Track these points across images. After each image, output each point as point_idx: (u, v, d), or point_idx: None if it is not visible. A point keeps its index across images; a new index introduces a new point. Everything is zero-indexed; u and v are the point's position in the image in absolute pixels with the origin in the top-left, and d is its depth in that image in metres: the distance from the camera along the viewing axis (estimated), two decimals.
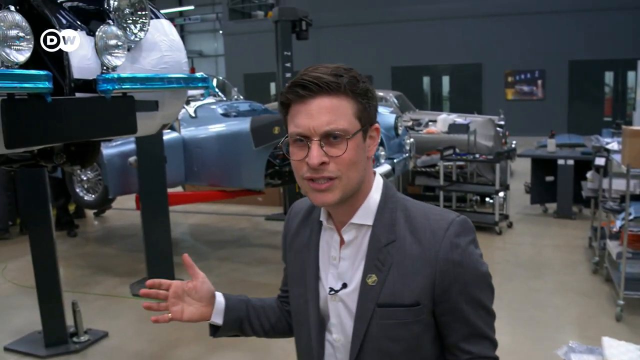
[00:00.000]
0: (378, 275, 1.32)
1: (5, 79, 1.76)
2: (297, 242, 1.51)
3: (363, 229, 1.37)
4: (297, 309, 1.50)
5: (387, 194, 1.38)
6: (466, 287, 1.32)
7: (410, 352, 1.34)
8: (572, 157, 7.74)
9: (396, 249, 1.32)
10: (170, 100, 2.70)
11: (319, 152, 1.25)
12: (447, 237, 1.31)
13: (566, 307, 5.02)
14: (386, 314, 1.32)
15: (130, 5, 2.46)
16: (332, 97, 1.27)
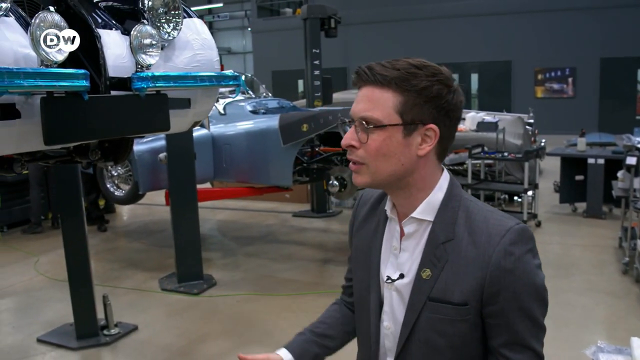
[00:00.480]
0: (432, 270, 1.34)
1: (45, 78, 1.81)
2: (365, 229, 1.55)
3: (424, 223, 1.38)
4: (360, 293, 1.53)
5: (451, 193, 1.39)
6: (515, 295, 1.30)
7: (455, 348, 1.36)
8: (603, 156, 7.65)
9: (453, 247, 1.33)
10: (202, 98, 2.75)
11: (351, 134, 1.33)
12: (502, 244, 1.29)
13: (595, 307, 4.98)
14: (435, 309, 1.34)
15: (164, 4, 2.50)
16: (377, 88, 1.31)
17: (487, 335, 1.37)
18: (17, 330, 4.86)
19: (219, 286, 5.70)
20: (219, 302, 5.30)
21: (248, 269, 6.22)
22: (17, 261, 6.81)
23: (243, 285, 5.72)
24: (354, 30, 20.82)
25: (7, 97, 1.83)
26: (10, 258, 6.93)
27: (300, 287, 5.60)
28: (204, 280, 5.72)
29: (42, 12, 1.87)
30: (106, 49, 2.25)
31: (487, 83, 20.90)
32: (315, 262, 6.42)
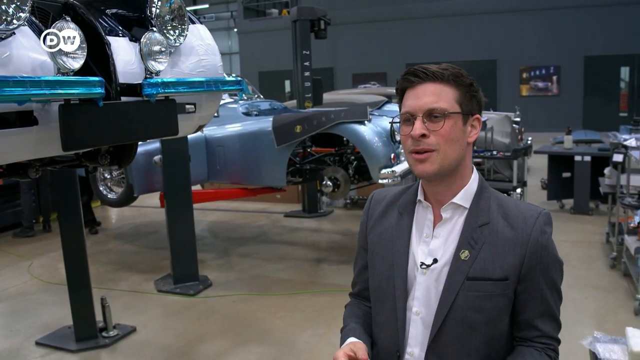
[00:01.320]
0: (471, 251, 1.51)
1: (64, 86, 1.87)
2: (382, 225, 1.68)
3: (459, 210, 1.57)
4: (379, 285, 1.65)
5: (482, 184, 1.60)
6: (547, 268, 1.53)
7: (491, 323, 1.52)
8: (589, 154, 7.79)
9: (489, 230, 1.52)
10: (206, 103, 2.82)
11: (421, 125, 1.49)
12: (538, 224, 1.52)
13: (584, 301, 5.09)
14: (474, 287, 1.50)
15: (171, 12, 2.57)
16: (437, 84, 1.51)
17: (518, 310, 1.55)
18: (15, 334, 4.88)
19: (214, 287, 5.75)
20: (216, 303, 5.36)
21: (242, 270, 6.28)
22: (9, 265, 6.81)
23: (238, 286, 5.77)
24: (341, 30, 20.91)
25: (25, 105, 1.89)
26: (2, 262, 6.93)
27: (294, 287, 5.66)
28: (199, 281, 5.77)
29: (59, 21, 1.93)
30: (116, 56, 2.31)
31: None
32: (309, 261, 6.49)
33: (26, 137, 2.00)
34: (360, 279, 1.81)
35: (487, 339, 1.53)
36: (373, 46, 21.88)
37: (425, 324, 1.56)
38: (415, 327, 1.57)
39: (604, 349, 2.08)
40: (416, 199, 1.64)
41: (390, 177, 5.36)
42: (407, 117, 1.52)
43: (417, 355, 1.58)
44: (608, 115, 18.66)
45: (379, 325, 1.67)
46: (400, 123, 1.56)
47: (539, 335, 1.56)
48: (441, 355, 1.53)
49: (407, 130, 1.52)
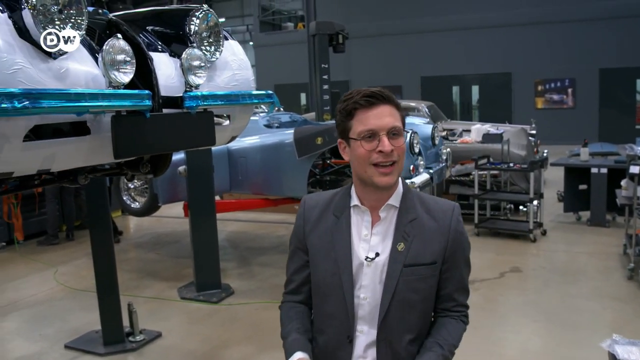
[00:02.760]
0: (405, 243, 1.81)
1: (117, 98, 2.02)
2: (320, 228, 1.91)
3: (392, 209, 1.85)
4: (324, 281, 1.89)
5: (406, 186, 1.90)
6: (464, 250, 1.90)
7: (425, 300, 1.86)
8: (606, 166, 7.84)
9: (417, 224, 1.83)
10: (239, 115, 2.96)
11: (389, 142, 1.73)
12: (454, 215, 1.87)
13: (602, 311, 5.15)
14: (411, 272, 1.81)
15: (208, 29, 2.71)
16: (390, 106, 1.77)
17: (441, 286, 1.89)
18: (44, 338, 5.02)
19: (236, 295, 5.87)
20: (238, 310, 5.47)
21: (263, 278, 6.39)
22: (36, 272, 6.97)
23: (260, 294, 5.88)
24: (355, 44, 21.05)
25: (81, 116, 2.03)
26: (29, 269, 7.10)
27: None
28: (222, 289, 5.89)
29: (111, 39, 2.08)
30: (157, 70, 2.46)
31: (488, 95, 21.11)
32: None
33: (80, 145, 2.14)
34: (296, 277, 2.02)
35: (422, 314, 1.87)
36: (388, 59, 22.01)
37: (371, 305, 1.83)
38: (364, 309, 1.84)
39: (622, 350, 2.18)
40: (350, 204, 1.88)
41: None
42: (369, 135, 1.73)
43: (367, 332, 1.86)
44: (624, 127, 18.63)
45: (327, 315, 1.91)
46: (359, 140, 1.75)
47: (455, 304, 1.92)
48: (389, 332, 1.82)
49: (372, 146, 1.73)
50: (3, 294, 6.22)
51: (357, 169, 1.79)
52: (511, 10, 20.12)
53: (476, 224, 7.84)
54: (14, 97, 1.76)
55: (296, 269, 2.01)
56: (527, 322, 4.98)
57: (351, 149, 1.79)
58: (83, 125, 2.12)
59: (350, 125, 1.77)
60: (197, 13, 2.69)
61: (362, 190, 1.83)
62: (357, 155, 1.76)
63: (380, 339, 1.83)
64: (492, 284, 5.91)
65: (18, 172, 2.06)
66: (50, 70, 1.98)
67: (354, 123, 1.76)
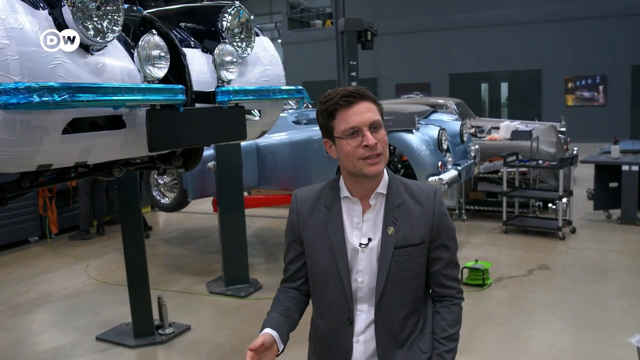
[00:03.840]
0: (394, 227, 1.93)
1: (152, 92, 2.07)
2: (313, 220, 2.01)
3: (380, 197, 1.96)
4: (322, 270, 1.99)
5: (390, 173, 2.01)
6: (448, 229, 2.01)
7: (416, 277, 1.98)
8: (637, 163, 7.74)
9: (404, 208, 1.95)
10: (270, 110, 3.00)
11: (372, 136, 1.83)
12: (437, 198, 1.98)
13: (632, 309, 5.10)
14: (401, 253, 1.93)
15: (240, 25, 2.76)
16: (367, 102, 1.87)
17: (431, 264, 2.01)
18: (76, 330, 5.13)
19: (264, 289, 5.92)
20: (266, 305, 5.44)
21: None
22: (67, 266, 7.11)
23: None
24: (383, 41, 20.99)
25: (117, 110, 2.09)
26: (61, 263, 7.24)
27: None
28: (249, 284, 5.95)
29: (146, 35, 2.13)
30: (190, 66, 2.51)
31: (517, 92, 20.93)
32: None
33: (115, 138, 2.20)
34: (292, 266, 2.12)
35: (414, 290, 1.98)
36: (416, 56, 21.95)
37: (369, 287, 1.96)
38: (362, 291, 1.97)
39: None
40: (340, 196, 1.98)
41: (438, 184, 5.46)
42: (353, 132, 1.83)
43: (367, 310, 1.98)
44: None
45: (327, 302, 2.03)
46: (344, 138, 1.85)
47: (447, 279, 2.03)
48: (385, 309, 1.95)
49: (357, 142, 1.84)
50: (36, 287, 6.36)
51: (346, 164, 1.89)
52: (541, 7, 19.92)
53: (504, 221, 7.80)
54: (54, 91, 1.83)
55: (292, 259, 2.11)
56: (555, 319, 4.95)
57: (337, 147, 1.90)
58: (119, 119, 2.18)
59: (333, 125, 1.88)
60: (229, 9, 2.74)
61: (352, 182, 1.94)
62: (345, 153, 1.86)
63: (378, 317, 1.96)
64: (520, 281, 5.88)
65: (56, 164, 2.12)
66: (88, 65, 2.04)
67: (337, 123, 1.87)
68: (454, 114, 9.68)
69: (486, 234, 7.84)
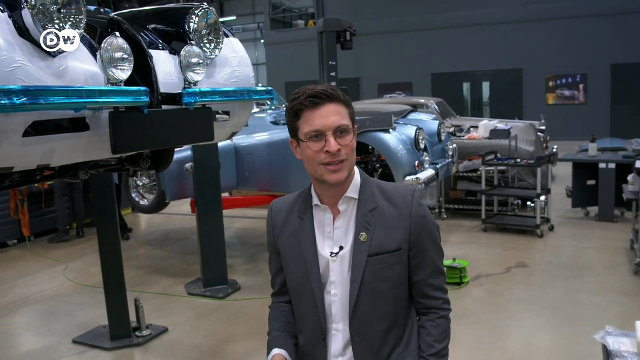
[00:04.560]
0: (367, 233, 1.81)
1: (115, 95, 2.06)
2: (287, 231, 1.92)
3: (352, 202, 1.85)
4: (297, 282, 1.91)
5: (364, 177, 1.90)
6: (430, 233, 1.87)
7: (395, 287, 1.85)
8: (614, 161, 7.82)
9: (378, 213, 1.83)
10: (239, 111, 3.01)
11: (335, 141, 1.73)
12: (415, 200, 1.85)
13: (607, 306, 5.15)
14: (376, 261, 1.81)
15: (207, 26, 2.76)
16: (336, 104, 1.76)
17: (413, 273, 1.88)
18: (53, 333, 5.09)
19: (243, 290, 5.92)
20: (244, 306, 5.52)
21: (270, 275, 6.41)
22: (46, 269, 7.06)
23: (266, 290, 5.85)
24: (366, 41, 21.08)
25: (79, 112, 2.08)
26: (39, 266, 7.19)
27: None
28: (228, 285, 5.94)
29: (109, 37, 2.12)
30: (157, 68, 2.51)
31: (499, 91, 21.07)
32: None
33: (79, 141, 2.20)
34: (277, 279, 2.06)
35: (394, 301, 1.85)
36: (399, 56, 22.03)
37: (342, 301, 1.84)
38: (336, 306, 1.85)
39: (614, 341, 2.21)
40: (312, 204, 1.88)
41: (415, 184, 5.49)
42: (316, 135, 1.73)
43: (342, 329, 1.87)
44: (636, 123, 18.48)
45: (302, 316, 1.94)
46: (306, 141, 1.75)
47: (432, 289, 1.90)
48: (361, 323, 1.83)
49: (319, 147, 1.73)
50: (14, 290, 6.31)
51: (308, 168, 1.80)
52: (522, 6, 20.08)
53: (483, 220, 7.85)
54: (12, 94, 1.82)
55: (275, 272, 2.05)
56: (532, 316, 5.00)
57: (301, 149, 1.79)
58: (82, 122, 2.17)
59: (298, 125, 1.78)
60: (197, 11, 2.73)
61: (319, 188, 1.85)
62: (307, 156, 1.76)
63: (354, 332, 1.84)
64: (498, 279, 5.92)
65: (18, 167, 2.11)
66: (50, 68, 2.03)
67: (301, 124, 1.76)
68: (433, 114, 9.72)
69: (466, 232, 7.88)
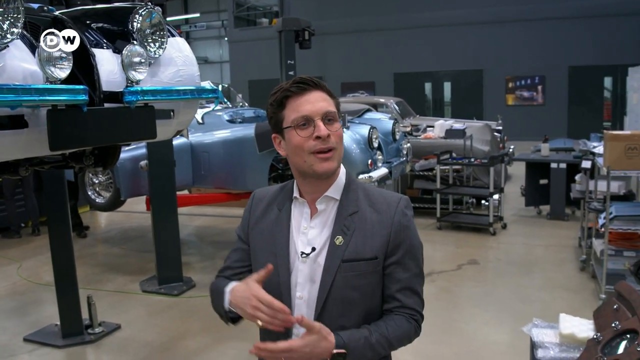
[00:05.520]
0: (344, 237, 1.70)
1: (52, 93, 2.09)
2: (264, 222, 1.82)
3: (332, 202, 1.75)
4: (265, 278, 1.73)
5: (349, 177, 1.80)
6: (410, 247, 1.73)
7: (367, 298, 1.72)
8: (564, 161, 8.03)
9: (358, 217, 1.72)
10: (184, 109, 3.05)
11: (325, 126, 1.65)
12: (399, 207, 1.74)
13: (552, 301, 5.32)
14: (349, 268, 1.69)
15: (151, 26, 2.80)
16: (322, 92, 1.69)
17: (386, 285, 1.74)
18: (4, 331, 5.06)
19: (198, 287, 5.95)
20: (198, 302, 5.55)
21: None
22: None
23: None
24: (329, 40, 21.21)
25: (17, 109, 2.11)
26: None
27: None
28: (183, 282, 5.96)
29: (47, 34, 2.15)
30: (100, 66, 2.54)
31: (460, 91, 21.39)
32: None
33: (17, 138, 2.22)
34: (235, 264, 1.90)
35: (364, 313, 1.72)
36: (362, 56, 22.18)
37: (307, 305, 1.72)
38: (300, 309, 1.72)
39: (538, 333, 2.31)
40: (292, 196, 1.79)
41: (368, 182, 5.59)
42: (303, 122, 1.65)
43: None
44: (592, 124, 18.90)
45: None
46: (294, 128, 1.67)
47: (400, 305, 1.74)
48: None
49: (308, 133, 1.65)
50: None
51: (295, 160, 1.70)
52: (483, 8, 20.38)
53: (438, 217, 7.99)
54: None
55: (237, 259, 1.90)
56: (479, 312, 5.13)
57: (286, 140, 1.70)
58: (21, 119, 2.20)
59: (283, 115, 1.69)
60: (141, 11, 2.77)
61: (302, 182, 1.75)
62: (294, 145, 1.67)
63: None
64: (449, 276, 6.06)
65: None
66: None
67: (287, 112, 1.68)
68: (390, 113, 9.85)
69: (421, 230, 7.86)
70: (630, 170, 4.93)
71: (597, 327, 2.18)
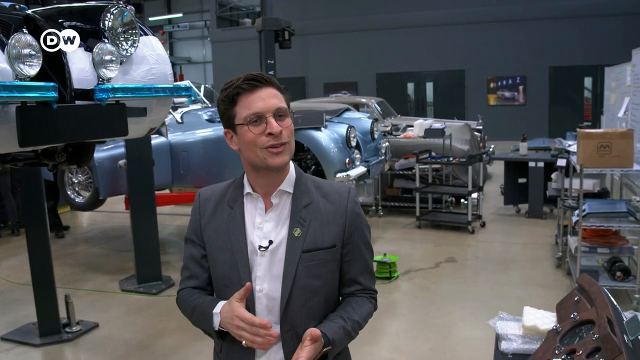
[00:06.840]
0: (301, 229, 1.76)
1: (21, 90, 2.11)
2: (216, 220, 1.83)
3: (284, 195, 1.80)
4: (224, 273, 1.80)
5: (298, 171, 1.85)
6: (362, 231, 1.85)
7: (327, 285, 1.81)
8: (542, 160, 8.13)
9: (313, 208, 1.79)
10: (157, 107, 3.07)
11: (276, 122, 1.68)
12: (350, 197, 1.84)
13: (527, 298, 5.40)
14: (310, 257, 1.75)
15: (123, 24, 2.82)
16: (273, 88, 1.73)
17: (344, 270, 1.84)
18: None
19: (176, 286, 5.90)
20: None
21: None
22: None
23: None
24: (311, 40, 21.25)
25: None
26: None
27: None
28: (162, 281, 5.98)
29: (17, 33, 2.17)
30: (71, 64, 2.56)
31: (442, 91, 21.50)
32: None
33: None
34: (192, 266, 1.89)
35: (325, 299, 1.81)
36: (344, 56, 22.22)
37: (268, 298, 1.76)
38: (260, 302, 1.76)
39: (503, 325, 2.37)
40: (243, 192, 1.82)
41: (345, 180, 5.63)
42: (255, 119, 1.68)
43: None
44: (572, 123, 18.98)
45: None
46: (246, 125, 1.69)
47: (361, 288, 1.87)
48: (292, 321, 1.75)
49: (260, 129, 1.68)
50: None
51: (248, 154, 1.71)
52: (464, 9, 20.50)
53: (417, 216, 8.06)
54: None
55: (197, 265, 1.88)
56: (455, 309, 5.19)
57: (239, 136, 1.72)
58: None
59: (235, 112, 1.71)
60: (112, 9, 2.80)
61: (255, 177, 1.77)
62: (246, 141, 1.69)
63: (285, 330, 1.75)
64: (427, 274, 6.12)
65: None
66: None
67: (238, 109, 1.70)
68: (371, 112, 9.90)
69: (400, 229, 8.08)
70: (603, 168, 5.01)
71: (559, 318, 2.24)
